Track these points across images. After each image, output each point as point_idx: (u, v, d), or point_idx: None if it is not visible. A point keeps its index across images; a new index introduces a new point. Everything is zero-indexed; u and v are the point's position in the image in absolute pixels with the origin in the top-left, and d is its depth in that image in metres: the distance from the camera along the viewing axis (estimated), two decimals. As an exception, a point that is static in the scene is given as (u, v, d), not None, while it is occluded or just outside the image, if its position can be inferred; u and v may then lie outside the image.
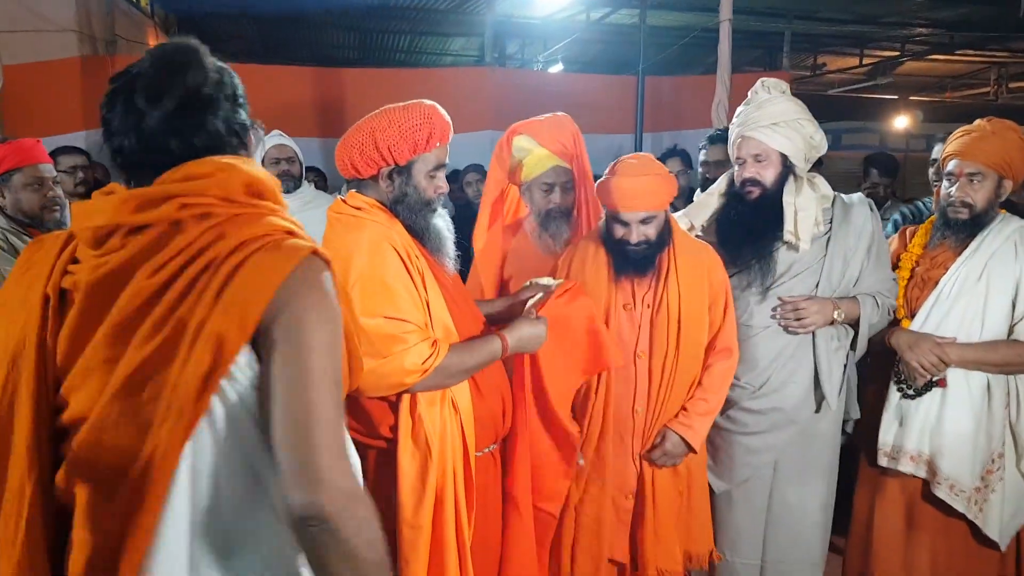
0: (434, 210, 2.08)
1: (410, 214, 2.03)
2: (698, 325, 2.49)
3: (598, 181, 2.53)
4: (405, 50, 12.09)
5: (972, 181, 2.60)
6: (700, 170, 3.84)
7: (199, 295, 1.15)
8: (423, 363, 1.88)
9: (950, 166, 2.66)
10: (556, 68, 10.95)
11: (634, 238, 2.43)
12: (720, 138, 3.71)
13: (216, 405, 1.18)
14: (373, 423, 2.01)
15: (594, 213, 2.77)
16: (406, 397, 1.96)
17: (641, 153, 2.63)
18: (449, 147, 2.08)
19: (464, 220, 2.78)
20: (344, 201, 2.05)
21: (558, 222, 2.74)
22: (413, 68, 11.45)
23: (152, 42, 8.40)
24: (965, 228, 2.64)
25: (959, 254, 2.64)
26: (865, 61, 11.57)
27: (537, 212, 2.78)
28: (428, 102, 2.03)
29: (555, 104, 6.70)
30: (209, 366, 1.14)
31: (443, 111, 2.05)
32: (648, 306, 2.50)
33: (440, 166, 2.06)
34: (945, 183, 2.69)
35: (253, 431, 1.20)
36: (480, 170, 5.47)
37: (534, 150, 2.68)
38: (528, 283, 2.44)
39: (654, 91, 7.22)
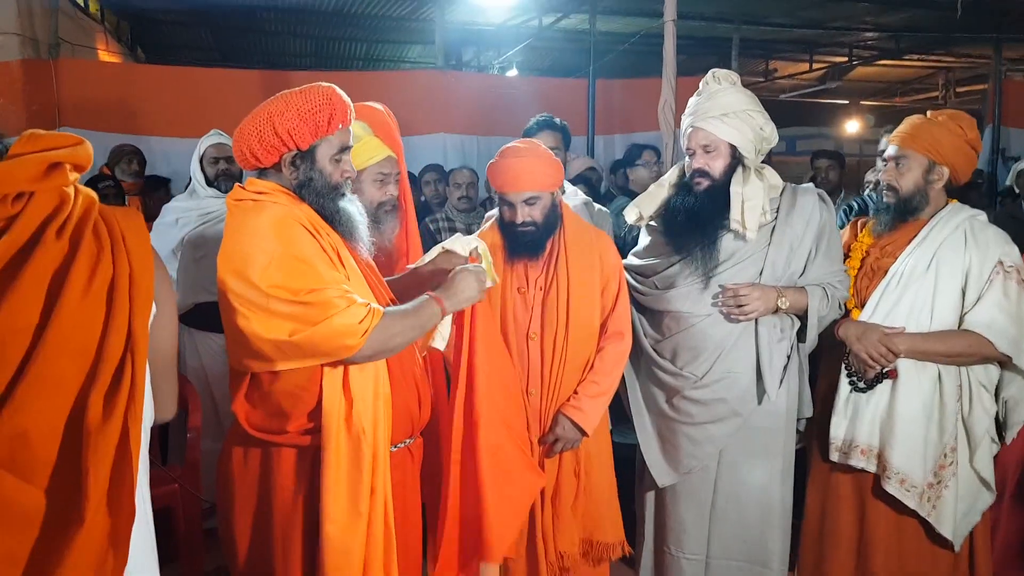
0: (343, 194, 1.99)
1: (317, 199, 1.94)
2: (588, 307, 2.54)
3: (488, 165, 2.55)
4: (362, 58, 12.02)
5: (898, 165, 2.63)
6: None
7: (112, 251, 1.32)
8: (359, 323, 1.78)
9: (887, 151, 2.70)
10: (511, 73, 10.96)
11: (519, 218, 2.48)
12: (547, 124, 3.33)
13: None
14: (287, 416, 1.90)
15: (411, 208, 2.64)
16: (336, 379, 1.86)
17: (532, 140, 2.69)
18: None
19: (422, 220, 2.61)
20: (243, 188, 1.94)
21: (391, 215, 2.49)
22: (363, 71, 11.38)
23: (101, 47, 8.23)
24: (890, 211, 2.65)
25: (909, 243, 2.61)
26: (815, 66, 11.74)
27: (368, 205, 2.43)
28: (326, 84, 1.96)
29: (506, 107, 6.79)
30: None
31: (343, 93, 1.97)
32: (540, 289, 2.56)
33: (344, 148, 1.99)
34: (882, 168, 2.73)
35: None
36: (439, 170, 5.47)
37: (366, 138, 2.41)
38: (436, 253, 2.33)
39: (605, 94, 7.25)
